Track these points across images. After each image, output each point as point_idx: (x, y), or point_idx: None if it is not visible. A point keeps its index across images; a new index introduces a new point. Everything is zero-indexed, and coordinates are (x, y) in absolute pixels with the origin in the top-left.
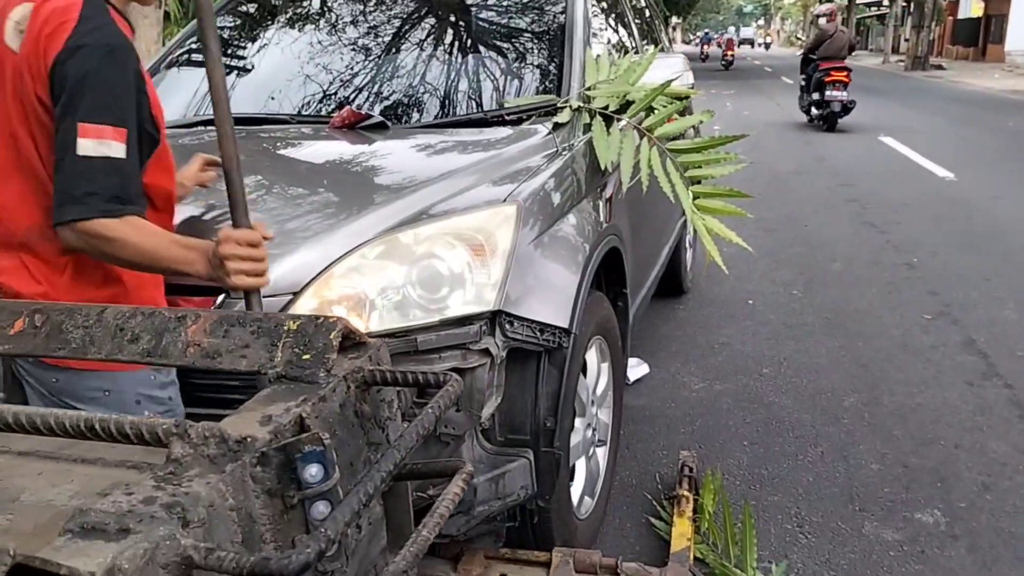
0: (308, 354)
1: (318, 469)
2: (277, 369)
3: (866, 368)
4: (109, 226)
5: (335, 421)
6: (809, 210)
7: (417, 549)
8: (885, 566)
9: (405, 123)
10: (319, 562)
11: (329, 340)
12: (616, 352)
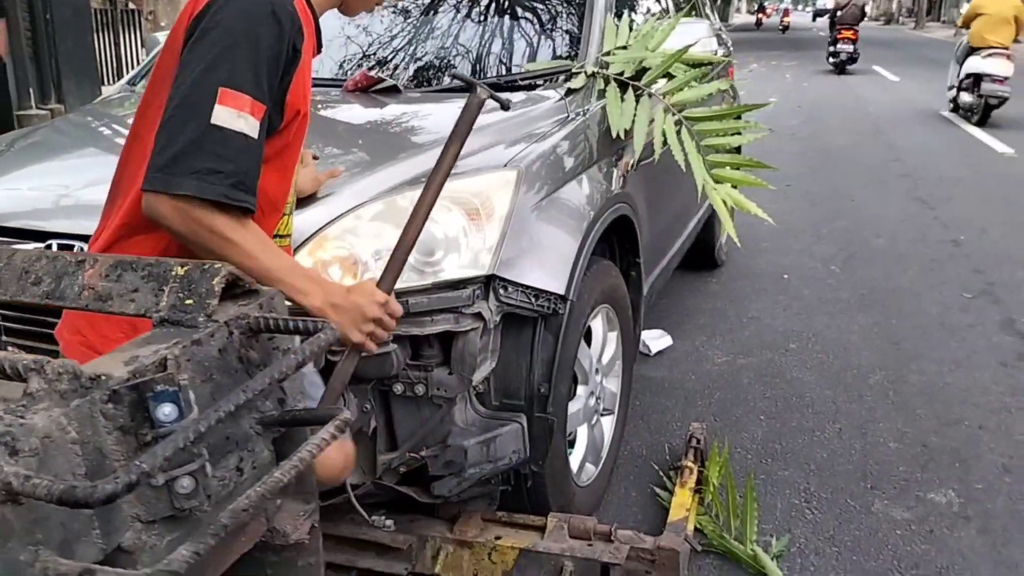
0: (191, 299)
1: (172, 409)
2: (161, 313)
3: (897, 346)
4: (230, 226)
5: (213, 366)
6: (858, 184)
7: (264, 489)
8: (890, 544)
9: (417, 87)
10: (131, 493)
11: (212, 286)
12: (626, 322)
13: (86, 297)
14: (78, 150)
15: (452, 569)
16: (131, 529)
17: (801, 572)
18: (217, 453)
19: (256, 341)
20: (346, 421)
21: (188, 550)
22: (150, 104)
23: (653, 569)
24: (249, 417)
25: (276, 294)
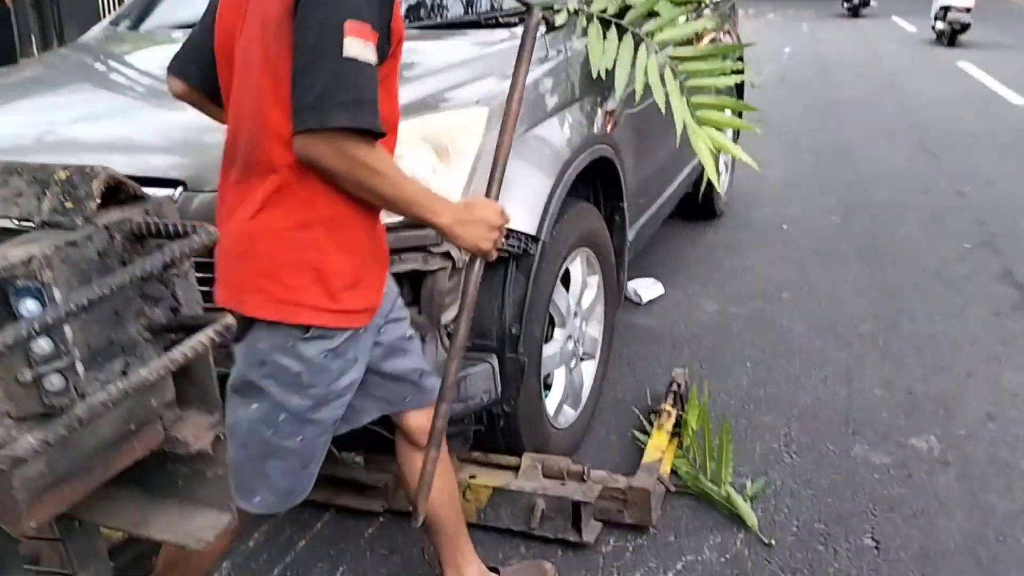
0: (71, 202)
1: (35, 305)
2: (43, 216)
3: (891, 296)
4: (374, 155)
5: (92, 268)
6: (866, 136)
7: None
8: (866, 488)
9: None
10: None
11: (91, 189)
12: (608, 267)
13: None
14: (66, 86)
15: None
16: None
17: (775, 513)
18: (100, 357)
19: (143, 247)
20: (228, 326)
21: (36, 438)
22: (250, 67)
23: (625, 508)
24: (136, 323)
25: (164, 200)
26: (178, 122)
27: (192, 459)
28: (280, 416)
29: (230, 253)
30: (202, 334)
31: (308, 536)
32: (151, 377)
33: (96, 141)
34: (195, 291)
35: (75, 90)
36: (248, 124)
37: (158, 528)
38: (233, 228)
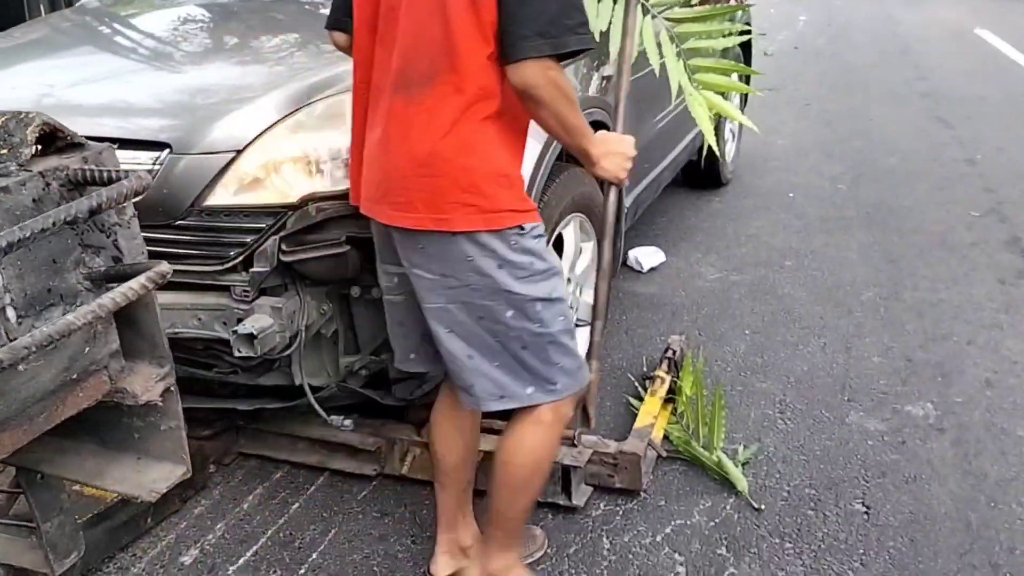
0: (5, 149)
1: None
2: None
3: (895, 263)
4: (568, 83)
5: (25, 215)
6: (878, 103)
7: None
8: (859, 454)
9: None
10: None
11: (26, 135)
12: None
13: None
14: (69, 49)
15: (419, 470)
16: None
17: (767, 479)
18: (38, 304)
19: (78, 194)
20: (162, 273)
21: None
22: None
23: (615, 472)
24: (76, 272)
25: (105, 149)
26: (171, 85)
27: (146, 412)
28: (537, 307)
29: (409, 175)
30: (134, 281)
31: (301, 499)
32: (77, 323)
33: (91, 104)
34: (138, 241)
35: (77, 52)
36: (430, 50)
37: (113, 480)
38: (411, 150)
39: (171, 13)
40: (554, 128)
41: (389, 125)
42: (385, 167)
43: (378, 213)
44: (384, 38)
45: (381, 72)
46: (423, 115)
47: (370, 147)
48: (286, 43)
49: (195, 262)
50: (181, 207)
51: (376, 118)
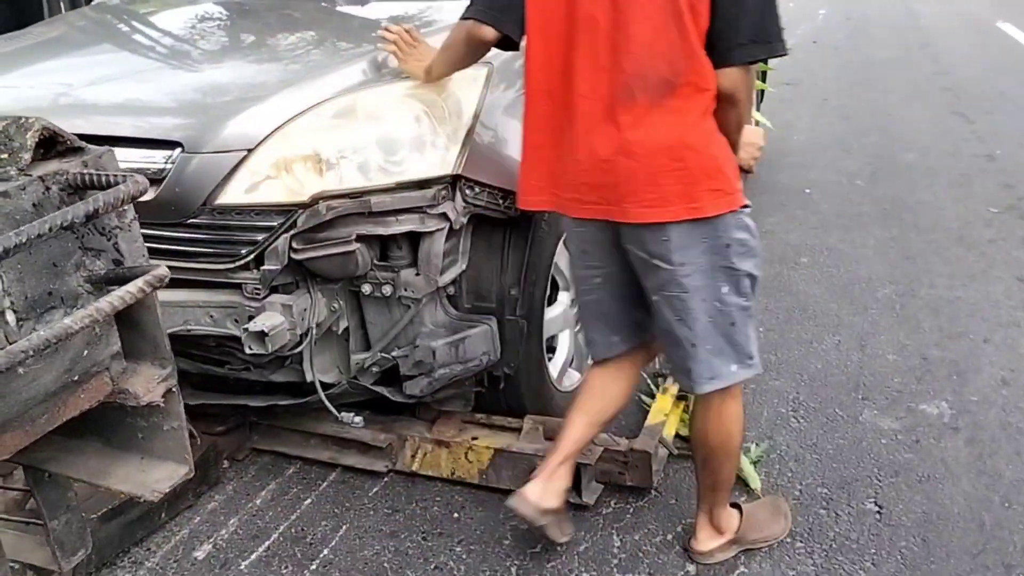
0: (6, 154)
1: None
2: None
3: (911, 260)
4: (753, 81)
5: (25, 219)
6: (897, 98)
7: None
8: (873, 453)
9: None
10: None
11: (25, 140)
12: None
13: None
14: (86, 47)
15: (430, 467)
16: None
17: (779, 478)
18: (38, 308)
19: (78, 198)
20: (160, 277)
21: None
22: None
23: (626, 470)
24: (77, 275)
25: (105, 152)
26: (184, 83)
27: (149, 413)
28: (746, 282)
29: (661, 171)
30: (132, 284)
31: (313, 495)
32: (75, 326)
33: (106, 103)
34: (139, 243)
35: (94, 51)
36: (669, 56)
37: (117, 479)
38: (664, 148)
39: (188, 11)
40: (732, 126)
41: (625, 129)
42: (626, 169)
43: (614, 214)
44: (592, 48)
45: (590, 81)
46: (672, 114)
47: (580, 153)
48: (301, 41)
49: (207, 260)
50: (193, 205)
51: (587, 124)
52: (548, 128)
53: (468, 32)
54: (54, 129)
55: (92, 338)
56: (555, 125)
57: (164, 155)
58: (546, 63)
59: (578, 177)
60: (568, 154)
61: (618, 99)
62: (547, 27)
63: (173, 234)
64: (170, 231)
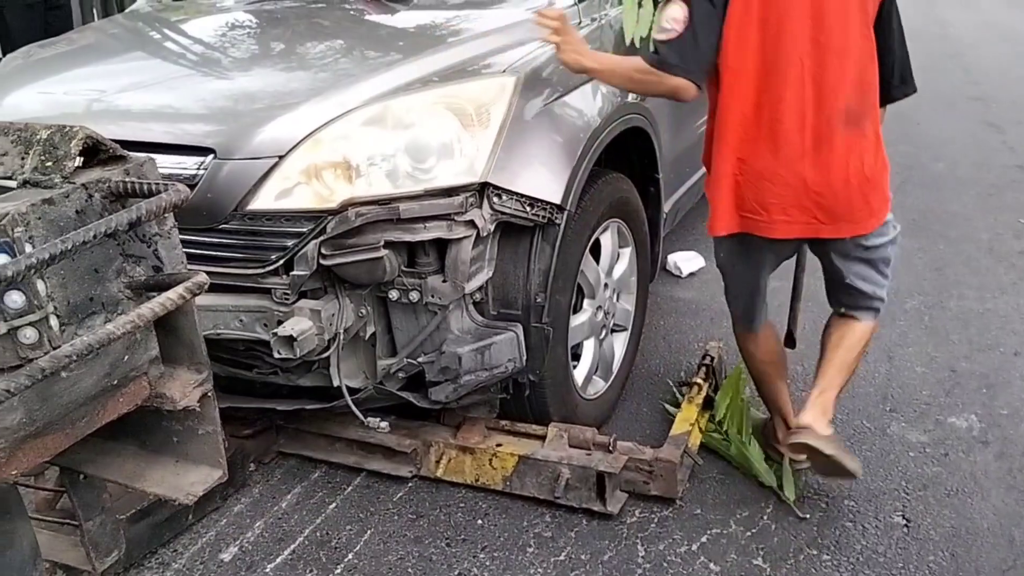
0: (51, 162)
1: (5, 259)
2: (25, 175)
3: (940, 271)
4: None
5: (69, 226)
6: (926, 108)
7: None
8: (900, 466)
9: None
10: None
11: (70, 148)
12: (641, 239)
13: None
14: (118, 55)
15: (454, 473)
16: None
17: (804, 490)
18: (80, 313)
19: (120, 205)
20: (200, 284)
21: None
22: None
23: (651, 480)
24: (117, 281)
25: (146, 161)
26: (216, 90)
27: (185, 417)
28: (896, 238)
29: (865, 193)
30: (173, 291)
31: (339, 499)
32: (118, 332)
33: (139, 109)
34: (178, 250)
35: (127, 58)
36: (866, 90)
37: (153, 482)
38: (868, 173)
39: (219, 19)
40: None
41: (837, 157)
42: (843, 194)
43: (825, 232)
44: (800, 86)
45: (798, 114)
46: (867, 141)
47: (791, 179)
48: (330, 49)
49: (237, 265)
50: (224, 211)
51: (796, 153)
52: (748, 158)
53: (676, 87)
54: (97, 138)
55: (132, 343)
56: (756, 155)
57: (196, 161)
58: (742, 94)
59: (787, 201)
60: (775, 181)
61: (826, 130)
62: (747, 68)
63: (204, 239)
64: (201, 236)
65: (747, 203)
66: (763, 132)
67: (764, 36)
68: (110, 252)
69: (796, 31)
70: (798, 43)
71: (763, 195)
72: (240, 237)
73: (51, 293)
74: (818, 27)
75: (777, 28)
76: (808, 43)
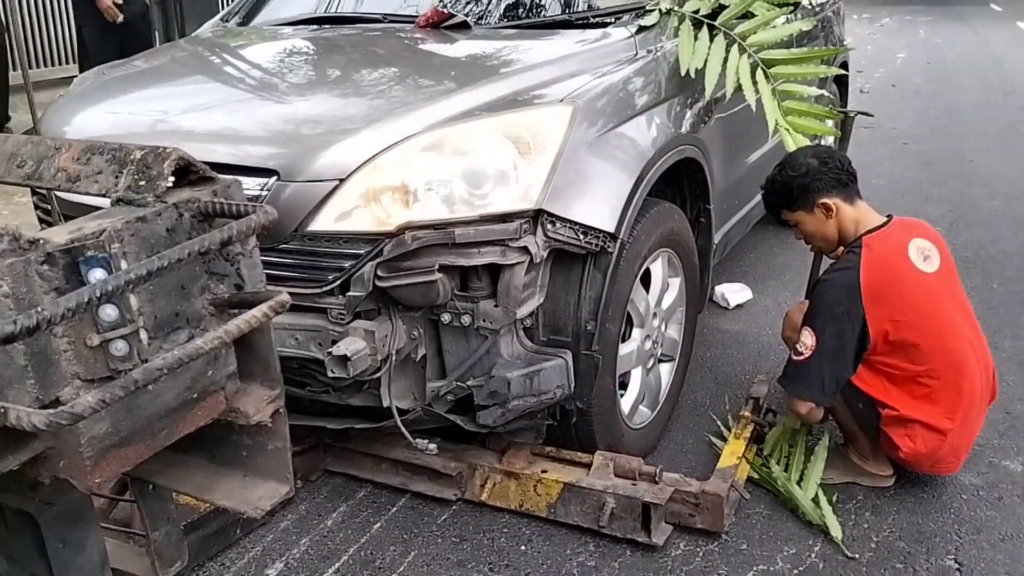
0: (144, 181)
1: (103, 274)
2: (119, 193)
3: (994, 310)
4: None
5: (160, 244)
6: (980, 145)
7: (182, 354)
8: (953, 508)
9: (488, 24)
10: (31, 336)
11: (163, 168)
12: (691, 269)
13: (59, 178)
14: (180, 78)
15: (499, 498)
16: (70, 385)
17: (854, 528)
18: (166, 328)
19: (208, 225)
20: (283, 303)
21: (93, 397)
22: None
23: (697, 512)
24: (202, 298)
25: (233, 182)
26: (277, 114)
27: (255, 432)
28: None
29: None
30: (257, 309)
31: (383, 519)
32: (205, 347)
33: (203, 130)
34: (259, 269)
35: (190, 81)
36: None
37: (222, 494)
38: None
39: (278, 45)
40: None
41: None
42: None
43: None
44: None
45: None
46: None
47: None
48: (388, 77)
49: (295, 284)
50: (285, 231)
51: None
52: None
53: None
54: (188, 159)
55: (213, 358)
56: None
57: (260, 182)
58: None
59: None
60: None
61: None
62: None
63: (264, 258)
64: (261, 255)
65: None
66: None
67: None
68: (196, 270)
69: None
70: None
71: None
72: (299, 257)
73: (141, 308)
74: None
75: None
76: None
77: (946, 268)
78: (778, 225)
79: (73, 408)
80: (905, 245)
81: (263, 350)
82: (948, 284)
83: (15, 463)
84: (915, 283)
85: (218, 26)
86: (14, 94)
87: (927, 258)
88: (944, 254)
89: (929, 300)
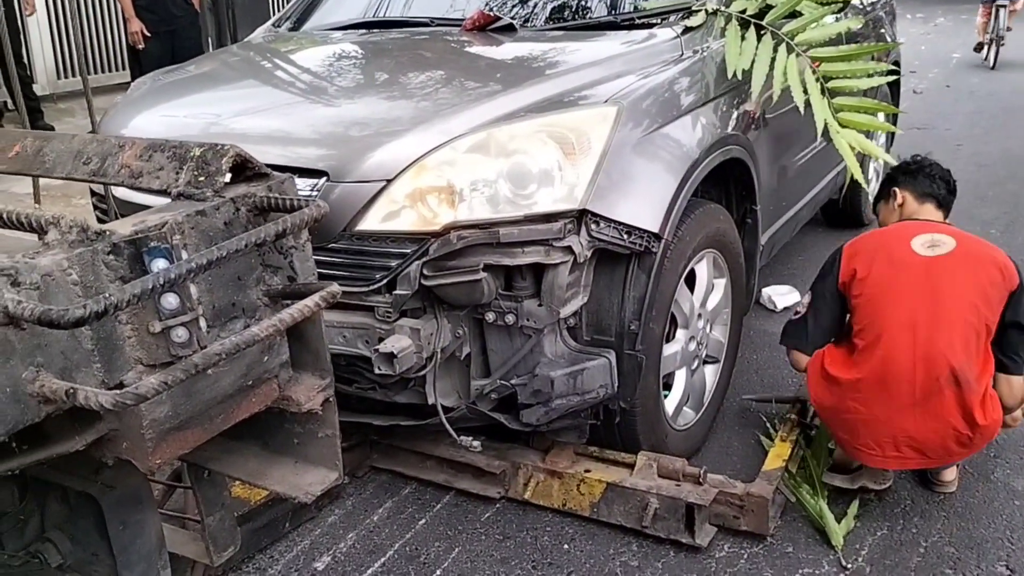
0: (203, 176)
1: (165, 264)
2: (179, 188)
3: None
4: None
5: (218, 236)
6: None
7: (239, 340)
8: (1005, 514)
9: (534, 26)
10: (100, 321)
11: (221, 165)
12: (737, 270)
13: (123, 174)
14: (232, 82)
15: (542, 497)
16: (133, 370)
17: (903, 532)
18: (223, 316)
19: (263, 219)
20: (333, 294)
21: (157, 379)
22: None
23: (741, 514)
24: (257, 289)
25: (287, 179)
26: (327, 116)
27: (306, 420)
28: None
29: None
30: (309, 299)
31: (428, 516)
32: (261, 334)
33: (255, 133)
34: (310, 262)
35: (242, 85)
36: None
37: (274, 480)
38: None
39: (327, 49)
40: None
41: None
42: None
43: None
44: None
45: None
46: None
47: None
48: (434, 79)
49: (343, 282)
50: (334, 231)
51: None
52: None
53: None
54: (245, 156)
55: (267, 347)
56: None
57: (310, 183)
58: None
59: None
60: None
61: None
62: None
63: (314, 257)
64: None
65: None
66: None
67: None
68: (252, 262)
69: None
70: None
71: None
72: (347, 256)
73: (200, 297)
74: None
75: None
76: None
77: (950, 263)
78: (827, 227)
79: (138, 389)
80: (915, 232)
81: (314, 340)
82: (938, 272)
83: (82, 443)
84: (894, 253)
85: (269, 31)
86: (72, 99)
87: (931, 247)
88: (964, 258)
89: (897, 270)
